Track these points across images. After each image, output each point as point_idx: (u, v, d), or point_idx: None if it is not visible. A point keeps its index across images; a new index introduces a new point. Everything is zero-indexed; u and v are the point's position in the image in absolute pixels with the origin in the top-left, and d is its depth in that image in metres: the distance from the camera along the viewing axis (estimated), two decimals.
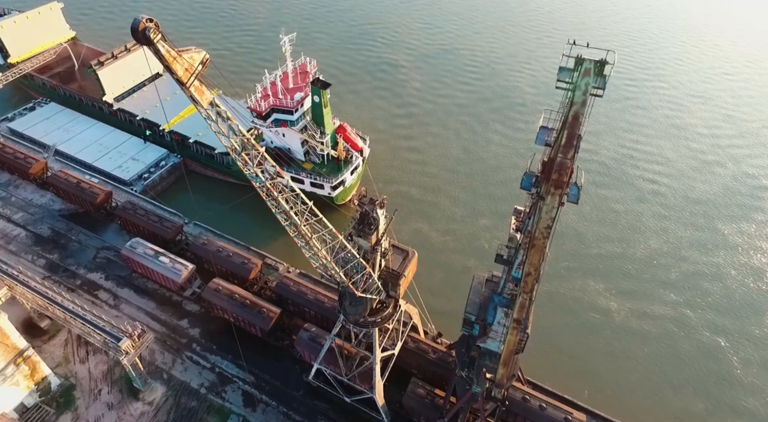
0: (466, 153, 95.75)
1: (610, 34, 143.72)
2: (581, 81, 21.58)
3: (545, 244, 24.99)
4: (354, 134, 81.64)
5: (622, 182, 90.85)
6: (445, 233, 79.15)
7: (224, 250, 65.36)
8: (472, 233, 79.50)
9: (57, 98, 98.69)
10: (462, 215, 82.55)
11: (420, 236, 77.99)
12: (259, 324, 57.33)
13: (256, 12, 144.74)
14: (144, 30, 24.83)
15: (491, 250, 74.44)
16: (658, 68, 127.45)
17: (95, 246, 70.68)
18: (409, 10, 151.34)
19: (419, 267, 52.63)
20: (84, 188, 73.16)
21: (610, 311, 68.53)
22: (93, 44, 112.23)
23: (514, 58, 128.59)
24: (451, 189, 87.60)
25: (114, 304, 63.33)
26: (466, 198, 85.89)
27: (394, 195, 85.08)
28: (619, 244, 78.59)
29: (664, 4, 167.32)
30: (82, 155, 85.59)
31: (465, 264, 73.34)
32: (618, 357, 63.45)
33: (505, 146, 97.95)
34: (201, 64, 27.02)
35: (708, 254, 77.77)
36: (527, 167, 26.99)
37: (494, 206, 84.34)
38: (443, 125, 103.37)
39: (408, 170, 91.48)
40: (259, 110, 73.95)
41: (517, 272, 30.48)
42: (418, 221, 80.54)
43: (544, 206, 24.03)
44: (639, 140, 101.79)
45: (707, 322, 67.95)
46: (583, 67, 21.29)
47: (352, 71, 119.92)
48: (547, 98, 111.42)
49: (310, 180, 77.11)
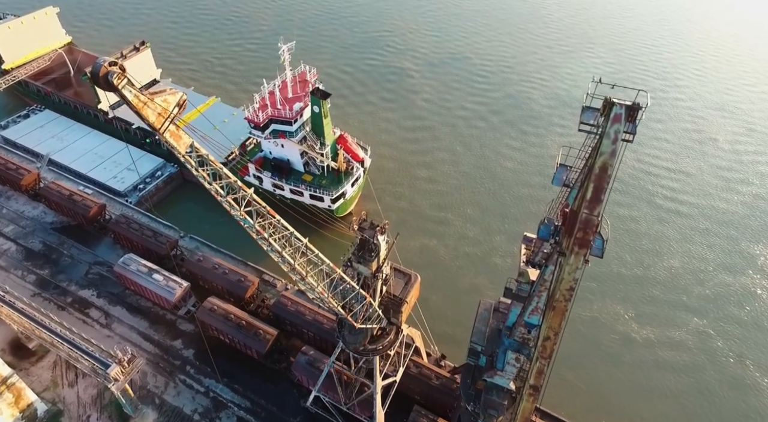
0: (477, 168, 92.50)
1: (624, 41, 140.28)
2: (610, 128, 19.10)
3: (567, 307, 22.57)
4: (355, 144, 79.41)
5: (640, 200, 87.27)
6: (454, 249, 76.52)
7: (220, 267, 63.12)
8: (483, 250, 76.56)
9: (52, 105, 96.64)
10: (474, 233, 79.38)
11: (427, 252, 75.74)
12: (256, 347, 55.10)
13: (260, 18, 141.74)
14: (106, 76, 21.85)
15: (503, 270, 72.58)
16: (675, 79, 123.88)
17: (88, 261, 68.52)
18: (416, 17, 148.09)
19: (423, 285, 50.52)
20: (76, 201, 70.97)
21: (629, 336, 65.10)
22: (90, 49, 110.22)
23: (525, 66, 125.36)
24: (461, 205, 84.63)
25: (105, 323, 61.12)
26: (477, 215, 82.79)
27: (403, 211, 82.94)
28: (638, 265, 75.34)
29: (679, 11, 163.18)
30: (76, 164, 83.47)
31: (473, 282, 70.99)
32: (638, 386, 60.00)
33: (517, 161, 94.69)
34: (177, 106, 24.37)
35: (734, 276, 74.05)
36: (545, 211, 24.44)
37: (507, 224, 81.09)
38: (453, 138, 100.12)
39: (417, 185, 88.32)
40: (256, 120, 71.69)
41: (531, 317, 28.09)
42: (426, 237, 78.08)
43: (567, 266, 21.52)
44: (657, 155, 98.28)
45: (734, 350, 64.33)
46: (613, 113, 18.81)
47: (358, 79, 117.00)
48: (559, 110, 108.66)
49: (310, 192, 74.88)
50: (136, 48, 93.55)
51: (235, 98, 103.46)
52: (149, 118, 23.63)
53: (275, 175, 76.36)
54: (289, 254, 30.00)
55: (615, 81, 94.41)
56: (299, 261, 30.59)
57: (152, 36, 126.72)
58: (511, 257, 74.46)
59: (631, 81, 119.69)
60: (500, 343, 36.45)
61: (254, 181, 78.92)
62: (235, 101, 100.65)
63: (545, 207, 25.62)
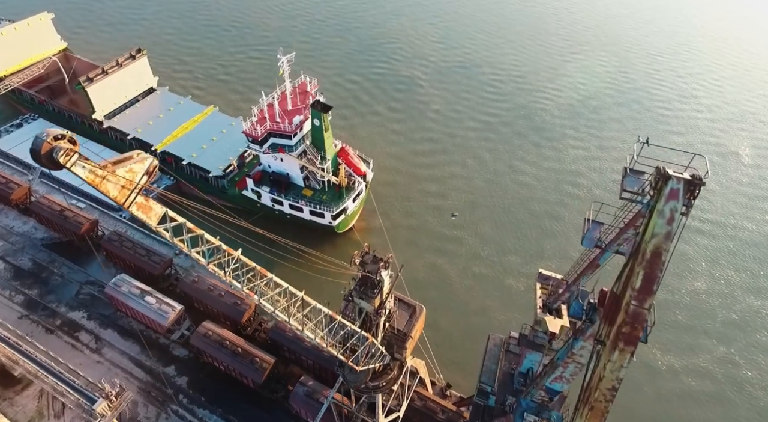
0: (489, 183, 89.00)
1: (638, 50, 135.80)
2: (665, 205, 16.18)
3: (607, 408, 19.64)
4: (356, 158, 76.76)
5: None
6: (464, 269, 73.50)
7: (215, 289, 60.40)
8: (496, 271, 73.48)
9: (46, 114, 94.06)
10: (486, 252, 76.05)
11: (436, 271, 73.03)
12: (252, 376, 52.43)
13: (263, 26, 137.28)
14: (50, 153, 18.27)
15: (516, 292, 69.84)
16: (692, 89, 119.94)
17: (79, 281, 65.94)
18: (424, 24, 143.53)
19: (430, 306, 47.57)
20: (68, 217, 68.37)
21: (652, 364, 61.72)
22: (87, 56, 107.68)
23: (536, 75, 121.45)
24: (473, 222, 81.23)
25: (96, 348, 58.51)
26: (489, 233, 79.43)
27: (410, 228, 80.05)
28: (662, 289, 72.03)
29: (694, 18, 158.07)
30: (68, 176, 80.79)
31: (483, 304, 68.18)
32: (662, 418, 56.74)
33: (531, 175, 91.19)
34: (146, 174, 21.33)
35: (762, 300, 70.58)
36: (567, 273, 21.56)
37: (521, 243, 77.73)
38: (464, 151, 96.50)
39: (427, 201, 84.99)
40: (255, 135, 69.01)
41: (554, 384, 25.38)
42: (435, 256, 75.30)
43: (609, 363, 18.53)
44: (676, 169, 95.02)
45: (764, 380, 60.81)
46: (669, 188, 15.89)
47: (365, 88, 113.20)
48: (572, 120, 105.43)
49: (310, 208, 72.21)
50: (132, 56, 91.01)
51: (235, 108, 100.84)
52: (110, 193, 20.52)
53: (274, 190, 73.66)
54: (282, 311, 27.25)
55: (628, 91, 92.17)
56: (295, 317, 27.86)
57: (151, 43, 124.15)
58: (525, 277, 71.77)
59: (646, 91, 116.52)
60: (512, 388, 33.78)
61: (252, 195, 76.29)
62: (234, 111, 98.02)
63: (567, 267, 22.55)
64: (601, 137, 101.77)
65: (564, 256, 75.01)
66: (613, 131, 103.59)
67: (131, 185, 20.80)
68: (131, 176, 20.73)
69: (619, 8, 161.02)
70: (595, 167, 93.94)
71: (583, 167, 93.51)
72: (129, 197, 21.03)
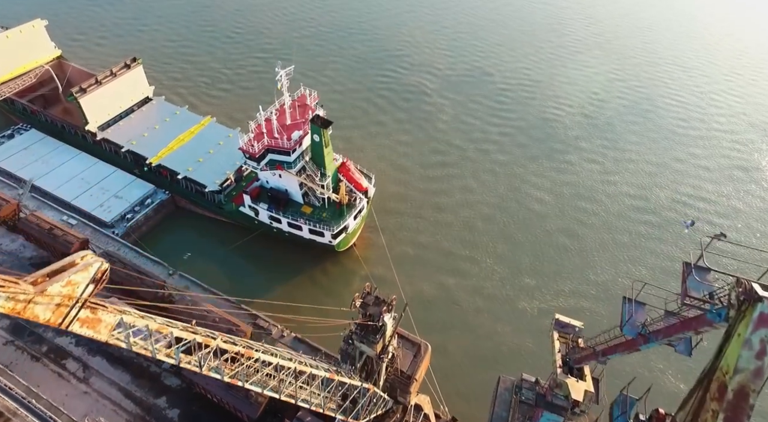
0: (501, 200, 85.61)
1: (653, 59, 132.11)
2: (753, 334, 12.92)
3: None
4: (358, 173, 73.92)
5: (683, 238, 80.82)
6: (474, 290, 70.59)
7: (209, 314, 57.59)
8: (509, 293, 70.50)
9: (38, 124, 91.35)
10: (498, 273, 73.00)
11: (443, 291, 70.42)
12: (246, 411, 49.62)
13: (264, 34, 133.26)
14: None
15: (529, 317, 66.92)
16: (709, 99, 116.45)
17: None
18: (432, 31, 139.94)
19: (435, 331, 44.79)
20: (57, 236, 65.44)
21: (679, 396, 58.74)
22: (84, 63, 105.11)
23: (547, 85, 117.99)
24: (484, 241, 78.07)
25: (83, 377, 55.67)
26: (503, 253, 76.29)
27: (416, 245, 77.13)
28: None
29: (711, 27, 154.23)
30: (60, 191, 78.12)
31: (494, 328, 65.33)
32: None
33: (545, 191, 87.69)
34: (93, 283, 17.86)
35: None
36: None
37: (538, 264, 74.59)
38: (475, 165, 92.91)
39: (433, 218, 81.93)
40: (252, 151, 66.20)
41: None
42: (442, 276, 72.57)
43: None
44: (699, 185, 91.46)
45: None
46: (758, 312, 12.66)
47: (370, 99, 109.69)
48: (586, 133, 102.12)
49: (309, 227, 69.36)
50: (127, 65, 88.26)
51: (232, 118, 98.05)
52: (39, 318, 16.67)
53: (272, 207, 70.83)
54: (272, 390, 24.41)
55: (643, 103, 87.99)
56: (287, 392, 25.02)
57: (149, 50, 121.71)
58: (538, 300, 69.07)
59: (661, 102, 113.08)
60: None
61: (250, 212, 73.47)
62: (232, 122, 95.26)
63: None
64: (616, 150, 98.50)
65: (580, 279, 72.21)
66: (630, 145, 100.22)
67: (71, 300, 16.95)
68: (70, 291, 16.89)
69: (631, 17, 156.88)
70: (611, 183, 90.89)
71: (598, 183, 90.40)
72: (68, 316, 17.07)
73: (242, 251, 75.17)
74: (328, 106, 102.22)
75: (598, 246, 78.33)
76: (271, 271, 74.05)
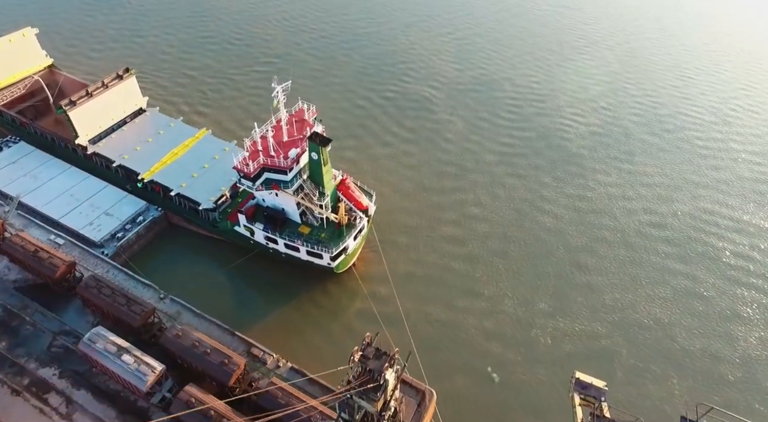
0: (510, 224, 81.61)
1: (667, 71, 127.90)
2: None
3: None
4: (358, 191, 70.85)
5: (705, 258, 77.48)
6: (483, 317, 67.43)
7: (201, 345, 54.42)
8: (520, 321, 67.15)
9: (28, 137, 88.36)
10: (509, 300, 69.59)
11: (449, 313, 67.61)
12: None
13: (264, 43, 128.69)
14: None
15: (543, 347, 63.50)
16: (726, 116, 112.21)
17: (52, 331, 60.06)
18: (436, 42, 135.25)
19: (440, 362, 41.49)
20: (42, 259, 62.34)
21: None
22: (76, 73, 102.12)
23: (557, 98, 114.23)
24: (493, 266, 74.57)
25: (66, 412, 52.58)
26: (512, 278, 72.96)
27: (420, 265, 74.16)
28: (712, 339, 65.76)
29: (728, 38, 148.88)
30: (48, 208, 75.16)
31: (504, 357, 62.40)
32: None
33: (558, 217, 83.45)
34: None
35: None
36: None
37: (555, 300, 70.50)
38: (482, 186, 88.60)
39: (440, 239, 78.36)
40: (247, 171, 63.13)
41: None
42: (448, 299, 69.66)
43: None
44: (721, 200, 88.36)
45: None
46: None
47: (372, 113, 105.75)
48: (598, 152, 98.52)
49: (307, 248, 66.23)
50: (119, 76, 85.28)
51: (229, 130, 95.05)
52: None
53: (268, 227, 67.71)
54: None
55: (658, 117, 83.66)
56: None
57: (145, 59, 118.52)
58: (551, 328, 65.89)
59: (676, 117, 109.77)
60: None
61: (245, 232, 70.38)
62: (229, 134, 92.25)
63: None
64: (632, 171, 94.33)
65: (595, 308, 68.92)
66: (646, 166, 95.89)
67: None
68: None
69: (645, 28, 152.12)
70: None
71: (614, 206, 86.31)
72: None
73: (238, 271, 72.17)
74: (329, 120, 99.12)
75: (616, 268, 75.04)
76: (268, 292, 71.03)
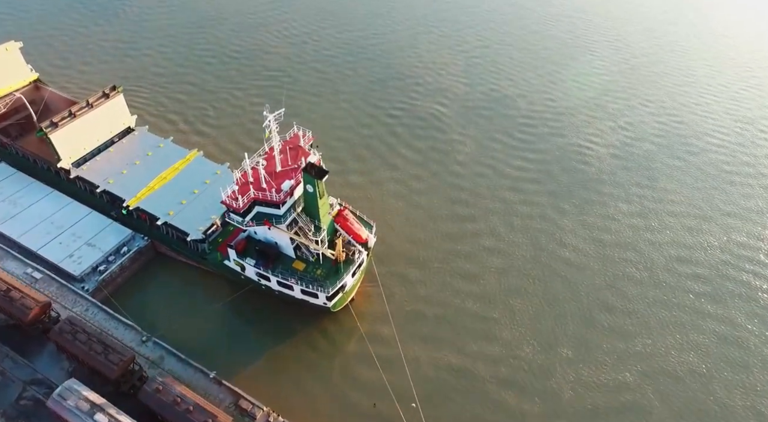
0: (526, 259, 76.40)
1: (689, 88, 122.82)
2: None
3: None
4: (356, 222, 65.95)
5: (740, 298, 72.33)
6: (496, 364, 62.45)
7: (183, 401, 49.69)
8: (537, 369, 62.17)
9: (9, 158, 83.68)
10: (526, 347, 64.60)
11: (460, 358, 62.88)
12: None
13: (263, 58, 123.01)
14: None
15: (564, 400, 58.32)
16: (755, 138, 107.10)
17: (22, 380, 55.43)
18: (444, 56, 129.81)
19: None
20: (14, 299, 57.69)
21: None
22: (62, 89, 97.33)
23: (573, 117, 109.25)
24: (508, 308, 69.37)
25: None
26: (529, 322, 67.83)
27: (425, 302, 69.49)
28: (755, 396, 61.01)
29: (756, 54, 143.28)
30: (26, 239, 70.37)
31: (521, 409, 57.57)
32: None
33: (577, 251, 78.04)
34: None
35: None
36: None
37: (568, 335, 66.19)
38: (494, 216, 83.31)
39: (448, 275, 73.45)
40: (236, 206, 58.26)
41: None
42: (457, 342, 64.89)
43: None
44: (754, 232, 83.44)
45: None
46: None
47: (378, 134, 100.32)
48: (619, 177, 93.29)
49: (301, 287, 61.28)
50: (105, 94, 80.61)
51: (223, 150, 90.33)
52: None
53: (260, 263, 62.77)
54: None
55: (681, 139, 79.51)
56: None
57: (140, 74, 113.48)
58: (572, 378, 60.99)
59: (701, 138, 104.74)
60: None
61: (236, 267, 65.47)
62: (221, 155, 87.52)
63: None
64: (656, 199, 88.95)
65: (622, 356, 63.76)
66: (670, 193, 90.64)
67: None
68: None
69: (663, 41, 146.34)
70: (654, 242, 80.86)
71: (639, 239, 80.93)
72: None
73: (228, 308, 67.32)
74: (331, 140, 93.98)
75: (644, 309, 69.77)
76: (261, 332, 66.06)
